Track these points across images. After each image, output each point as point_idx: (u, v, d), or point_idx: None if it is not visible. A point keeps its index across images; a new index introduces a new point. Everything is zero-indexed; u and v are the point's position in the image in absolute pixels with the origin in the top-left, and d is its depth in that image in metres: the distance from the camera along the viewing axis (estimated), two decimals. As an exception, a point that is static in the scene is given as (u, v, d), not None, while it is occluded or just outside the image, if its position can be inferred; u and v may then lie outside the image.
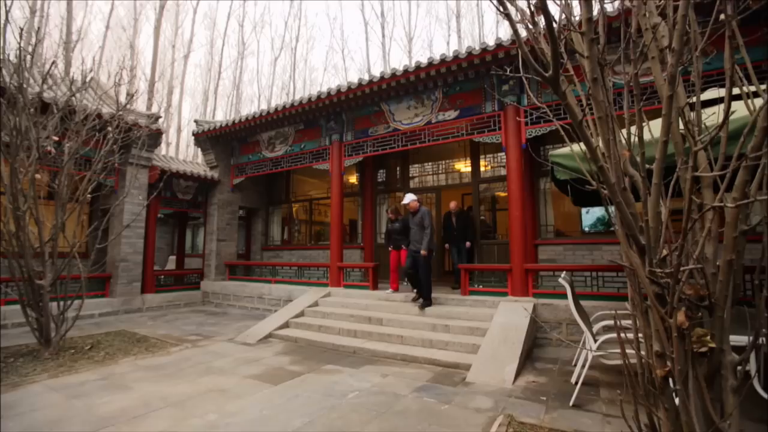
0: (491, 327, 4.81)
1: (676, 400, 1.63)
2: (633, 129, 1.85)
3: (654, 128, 2.15)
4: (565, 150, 3.53)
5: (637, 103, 1.76)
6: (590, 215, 6.90)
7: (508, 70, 2.92)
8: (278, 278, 8.77)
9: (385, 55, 25.48)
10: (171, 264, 14.01)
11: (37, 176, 4.87)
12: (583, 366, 3.44)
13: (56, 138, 5.38)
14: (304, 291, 7.64)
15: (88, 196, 5.37)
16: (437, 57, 6.15)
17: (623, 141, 1.94)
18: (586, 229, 6.92)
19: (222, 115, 26.87)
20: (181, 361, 4.60)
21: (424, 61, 6.29)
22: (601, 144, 1.83)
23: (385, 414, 3.07)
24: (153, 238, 9.15)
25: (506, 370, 3.91)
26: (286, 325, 6.15)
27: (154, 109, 21.53)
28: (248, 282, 9.18)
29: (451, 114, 6.84)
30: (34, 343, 4.89)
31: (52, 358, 4.54)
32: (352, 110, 7.87)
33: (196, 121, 10.09)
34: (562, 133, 2.15)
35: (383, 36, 25.81)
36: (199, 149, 10.51)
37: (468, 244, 7.26)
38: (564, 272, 4.21)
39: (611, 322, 3.74)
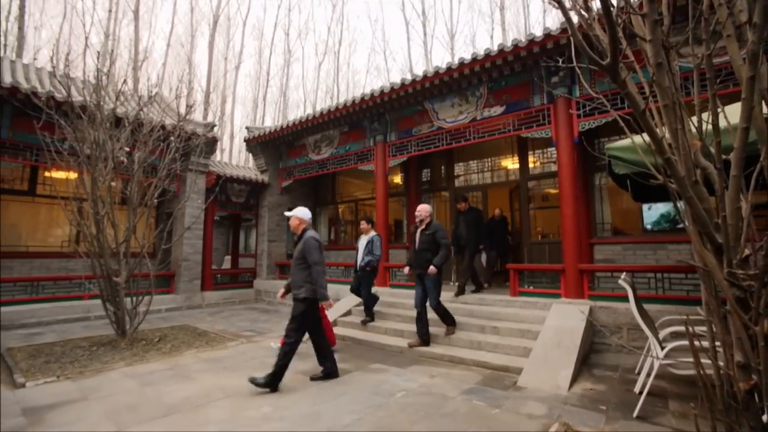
0: (543, 330, 4.60)
1: (764, 418, 1.45)
2: (705, 116, 1.68)
3: (731, 114, 1.94)
4: (625, 142, 3.29)
5: (711, 87, 1.59)
6: (653, 212, 6.38)
7: (560, 60, 2.78)
8: (327, 277, 8.96)
9: (426, 53, 25.29)
10: (226, 263, 14.88)
11: (113, 184, 5.38)
12: (649, 375, 3.19)
13: (127, 149, 5.91)
14: (350, 290, 7.76)
15: (155, 200, 5.84)
16: (481, 52, 5.99)
17: (693, 130, 1.77)
18: (649, 226, 6.40)
19: (270, 120, 28.08)
20: (238, 355, 4.86)
21: (467, 57, 6.16)
22: (667, 134, 1.68)
23: (433, 415, 3.04)
24: (211, 239, 9.77)
25: (561, 376, 3.73)
26: (334, 324, 6.28)
27: (210, 119, 22.97)
28: (297, 281, 9.50)
29: (497, 110, 6.64)
30: (112, 335, 5.41)
31: (127, 348, 4.99)
32: (395, 110, 7.88)
33: (247, 128, 10.63)
34: (621, 124, 2.01)
35: (424, 34, 25.64)
36: (251, 154, 11.07)
37: (480, 254, 7.20)
38: (624, 273, 3.93)
39: (681, 328, 3.43)
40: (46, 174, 8.18)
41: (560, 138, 5.80)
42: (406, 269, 5.81)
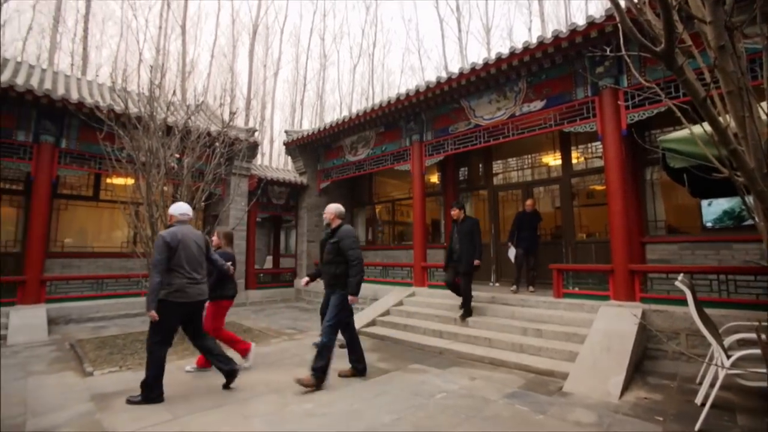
0: (591, 333, 4.38)
1: None
2: (778, 102, 1.53)
3: (808, 98, 1.74)
4: (682, 133, 3.06)
5: (784, 70, 1.44)
6: (714, 208, 5.87)
7: (608, 50, 2.63)
8: (364, 277, 9.07)
9: (462, 50, 24.87)
10: (268, 263, 15.44)
11: (165, 188, 5.74)
12: (713, 385, 2.94)
13: (177, 155, 6.28)
14: (389, 290, 7.80)
15: (202, 203, 6.17)
16: (519, 45, 5.81)
17: (763, 116, 1.61)
18: (709, 224, 5.91)
19: (308, 124, 28.80)
20: (280, 352, 5.03)
21: (504, 51, 5.99)
22: (732, 123, 1.55)
23: (475, 418, 2.98)
24: (253, 239, 10.17)
25: (611, 383, 3.53)
26: (372, 323, 6.35)
27: (251, 124, 23.96)
28: (336, 280, 9.67)
29: (537, 104, 6.40)
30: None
31: (180, 342, 5.29)
32: (431, 109, 7.82)
33: (286, 132, 10.97)
34: (678, 114, 1.87)
35: (459, 31, 25.22)
36: (290, 157, 11.42)
37: (507, 250, 6.89)
38: (681, 274, 3.65)
39: (751, 335, 3.15)
40: (108, 180, 8.87)
41: (606, 131, 5.50)
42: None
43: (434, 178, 9.87)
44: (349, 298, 3.87)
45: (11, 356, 4.74)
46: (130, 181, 6.02)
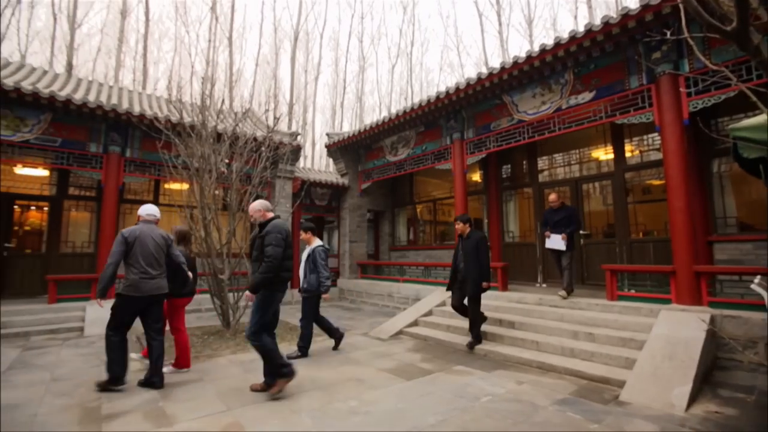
0: (650, 339, 4.07)
1: None
2: None
3: None
4: (757, 120, 2.75)
5: None
6: (796, 202, 5.27)
7: (668, 33, 2.44)
8: (406, 277, 9.09)
9: (502, 44, 24.13)
10: (312, 263, 15.83)
11: (216, 192, 6.08)
12: (797, 399, 2.63)
13: (227, 160, 6.62)
14: (431, 290, 7.74)
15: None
16: (565, 35, 5.53)
17: None
18: (790, 220, 5.30)
19: (348, 126, 29.28)
20: (325, 350, 5.14)
21: (549, 42, 5.73)
22: (820, 106, 1.37)
23: (523, 424, 2.88)
24: (297, 240, 10.49)
25: (675, 393, 3.26)
26: (415, 323, 6.33)
27: (293, 128, 24.73)
28: (378, 281, 9.76)
29: (585, 96, 6.07)
30: (219, 325, 6.11)
31: (231, 338, 5.59)
32: (472, 106, 7.66)
33: (327, 134, 11.22)
34: (754, 98, 1.69)
35: (499, 24, 24.48)
36: (331, 159, 11.68)
37: (564, 236, 5.85)
38: (758, 276, 3.30)
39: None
40: (166, 186, 9.55)
41: (665, 121, 5.10)
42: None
43: (476, 177, 9.66)
44: (247, 294, 3.51)
45: (88, 346, 5.23)
46: (185, 185, 6.44)
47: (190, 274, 4.16)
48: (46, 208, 8.41)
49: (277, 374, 3.43)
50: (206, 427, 2.81)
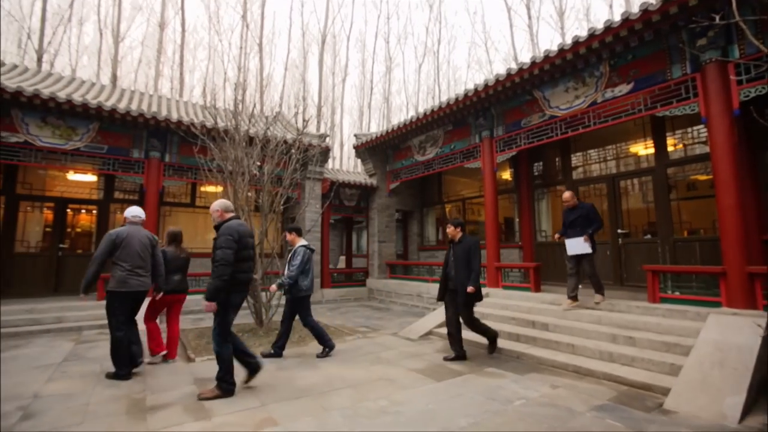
0: (698, 344, 3.83)
1: None
2: None
3: None
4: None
5: None
6: None
7: (717, 17, 2.28)
8: (435, 277, 9.02)
9: (532, 38, 23.46)
10: (341, 263, 16.04)
11: (249, 194, 6.27)
12: None
13: (258, 163, 6.81)
14: (459, 291, 7.64)
15: (281, 207, 6.62)
16: (599, 25, 5.30)
17: None
18: None
19: (375, 126, 29.40)
20: (355, 349, 5.19)
21: (582, 34, 5.52)
22: None
23: (558, 429, 2.78)
24: (327, 240, 10.66)
25: (727, 403, 3.05)
26: (444, 324, 6.25)
27: (322, 130, 25.12)
28: (407, 280, 9.74)
29: (623, 88, 5.80)
30: (253, 323, 6.29)
31: (265, 335, 5.75)
32: (501, 103, 7.49)
33: (355, 135, 11.32)
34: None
35: (529, 18, 23.80)
36: (359, 160, 11.77)
37: (586, 238, 5.36)
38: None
39: None
40: (202, 189, 9.95)
41: (712, 112, 4.78)
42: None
43: (506, 175, 9.45)
44: (204, 304, 3.32)
45: (132, 342, 5.52)
46: (220, 188, 6.69)
47: (163, 271, 4.35)
48: (94, 211, 8.98)
49: (218, 382, 3.38)
50: (241, 421, 2.91)
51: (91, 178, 8.85)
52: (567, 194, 5.79)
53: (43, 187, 8.55)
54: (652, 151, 6.86)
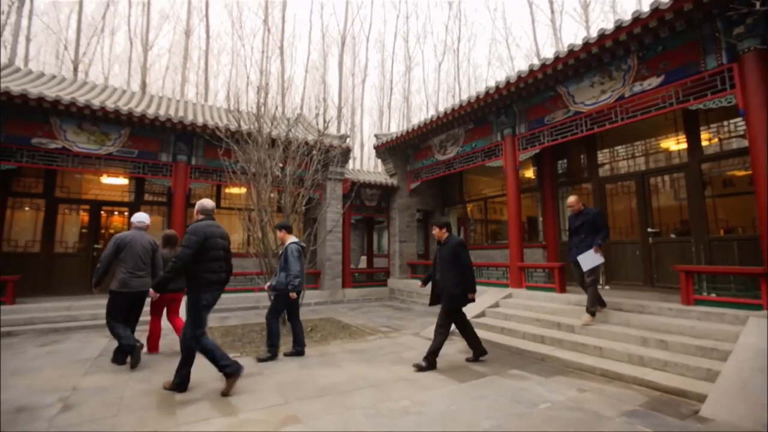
0: (737, 349, 3.64)
1: None
2: None
3: None
4: None
5: None
6: None
7: (757, 4, 2.17)
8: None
9: (555, 32, 22.86)
10: (362, 263, 16.12)
11: (272, 195, 6.39)
12: None
13: (281, 164, 6.93)
14: (483, 291, 7.53)
15: (303, 207, 6.71)
16: (627, 17, 5.12)
17: None
18: None
19: (395, 126, 29.38)
20: (377, 348, 5.20)
21: (609, 26, 5.34)
22: None
23: (586, 435, 2.71)
24: (348, 240, 10.73)
25: (768, 410, 2.88)
26: (466, 325, 6.19)
27: (342, 131, 25.29)
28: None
29: (652, 81, 5.58)
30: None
31: (288, 334, 5.82)
32: (524, 100, 7.35)
33: (375, 135, 11.35)
34: None
35: (552, 12, 23.21)
36: (380, 160, 11.80)
37: (596, 249, 4.97)
38: None
39: None
40: (226, 190, 10.21)
41: (751, 104, 4.53)
42: None
43: (529, 173, 9.27)
44: (150, 292, 3.96)
45: (161, 338, 5.71)
46: (244, 190, 6.84)
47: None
48: (126, 213, 9.36)
49: (223, 374, 3.47)
50: (266, 418, 2.96)
51: (122, 181, 9.23)
52: (572, 198, 5.41)
53: (79, 190, 8.98)
54: (684, 146, 6.57)
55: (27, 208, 8.49)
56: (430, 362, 4.22)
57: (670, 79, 5.39)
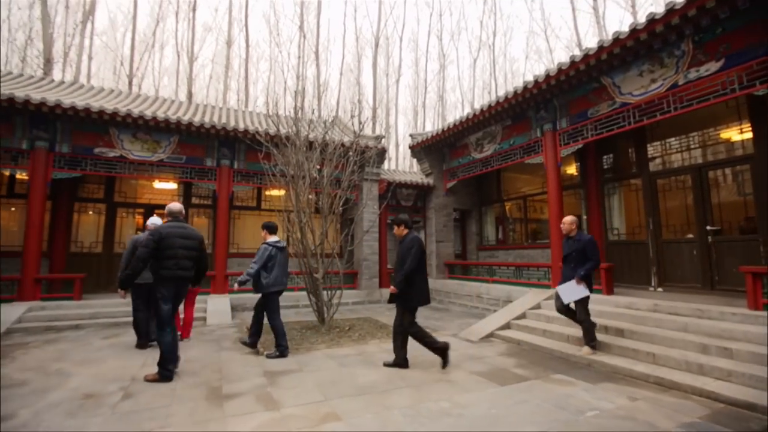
0: (814, 359, 3.28)
1: None
2: None
3: None
4: None
5: None
6: None
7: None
8: (495, 278, 8.73)
9: (598, 20, 21.72)
10: (398, 263, 16.12)
11: (310, 197, 6.54)
12: None
13: (318, 166, 7.08)
14: (523, 292, 7.32)
15: (340, 208, 6.81)
16: (682, -1, 4.76)
17: None
18: None
19: (430, 125, 29.17)
20: (414, 349, 5.16)
21: (659, 10, 5.00)
22: None
23: (640, 446, 2.54)
24: (385, 240, 10.77)
25: None
26: (507, 326, 6.03)
27: (377, 131, 25.46)
28: (466, 281, 9.52)
29: (710, 67, 5.16)
30: (315, 321, 6.56)
31: (326, 333, 5.96)
32: (565, 93, 7.04)
33: (410, 135, 11.32)
34: None
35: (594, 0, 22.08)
36: (415, 159, 11.75)
37: (578, 280, 4.55)
38: None
39: None
40: (266, 193, 10.58)
41: (830, 87, 4.07)
42: None
43: (571, 170, 8.86)
44: (119, 291, 4.00)
45: (209, 334, 6.04)
46: (283, 192, 7.06)
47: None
48: (176, 216, 9.94)
49: (159, 368, 3.79)
50: (307, 414, 3.04)
51: (172, 185, 9.82)
52: (567, 219, 4.87)
53: (135, 195, 9.66)
54: (749, 135, 6.01)
55: (90, 212, 9.25)
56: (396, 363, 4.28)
57: (731, 63, 4.96)
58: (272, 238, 5.00)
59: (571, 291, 4.62)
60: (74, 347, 5.09)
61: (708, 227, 6.31)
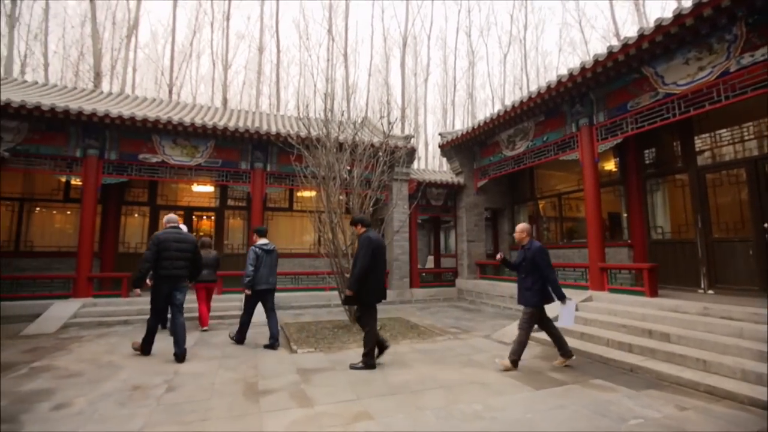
0: None
1: None
2: None
3: None
4: None
5: None
6: None
7: None
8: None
9: (638, 8, 20.64)
10: (429, 263, 16.03)
11: (341, 197, 6.62)
12: None
13: (348, 167, 7.16)
14: (557, 293, 7.06)
15: (370, 209, 6.85)
16: (733, -21, 4.43)
17: None
18: None
19: (460, 123, 28.79)
20: (446, 350, 5.13)
21: (708, -8, 4.67)
22: None
23: (690, 458, 2.39)
24: (415, 240, 10.74)
25: None
26: (540, 329, 5.83)
27: (406, 131, 25.41)
28: (498, 281, 9.32)
29: (766, 51, 4.77)
30: (346, 320, 6.63)
31: (358, 332, 5.99)
32: (602, 86, 6.73)
33: (440, 134, 11.21)
34: None
35: (635, -15, 20.97)
36: (445, 158, 11.63)
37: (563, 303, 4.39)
38: None
39: None
40: (298, 194, 10.83)
41: None
42: None
43: (609, 165, 8.48)
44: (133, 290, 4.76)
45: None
46: (314, 193, 7.20)
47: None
48: (213, 217, 10.37)
49: (142, 343, 4.65)
50: (340, 412, 3.08)
51: (209, 188, 10.25)
52: (518, 227, 4.61)
53: (176, 198, 10.16)
54: (812, 125, 5.52)
55: (136, 215, 9.83)
56: (367, 359, 4.22)
57: (790, 46, 4.56)
58: (261, 241, 5.43)
59: (569, 314, 4.50)
60: (123, 341, 5.42)
61: (766, 225, 5.84)
